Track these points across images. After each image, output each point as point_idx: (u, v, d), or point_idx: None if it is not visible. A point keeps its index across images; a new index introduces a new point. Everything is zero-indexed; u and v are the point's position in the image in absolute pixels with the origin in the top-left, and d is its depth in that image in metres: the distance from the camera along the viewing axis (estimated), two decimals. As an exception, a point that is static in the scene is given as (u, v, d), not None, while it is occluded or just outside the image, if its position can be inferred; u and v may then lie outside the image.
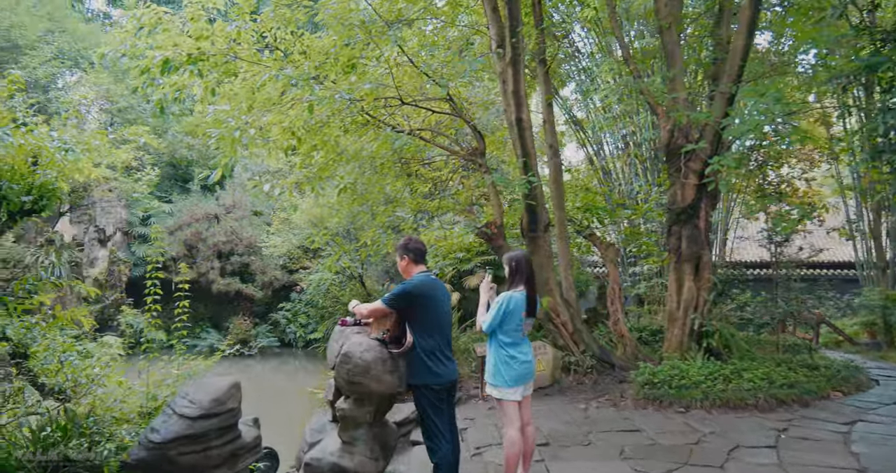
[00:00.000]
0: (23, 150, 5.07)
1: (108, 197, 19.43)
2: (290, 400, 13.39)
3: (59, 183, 5.33)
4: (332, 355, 5.15)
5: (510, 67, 9.95)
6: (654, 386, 8.58)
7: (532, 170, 10.15)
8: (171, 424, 4.24)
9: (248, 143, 10.08)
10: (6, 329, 4.42)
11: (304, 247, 19.90)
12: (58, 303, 17.14)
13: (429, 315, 4.66)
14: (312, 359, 19.42)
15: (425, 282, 4.69)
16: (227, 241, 20.23)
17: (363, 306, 4.94)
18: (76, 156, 5.24)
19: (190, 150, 23.19)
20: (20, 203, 5.08)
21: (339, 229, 17.41)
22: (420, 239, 5.02)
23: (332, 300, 19.45)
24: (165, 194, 22.48)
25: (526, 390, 5.11)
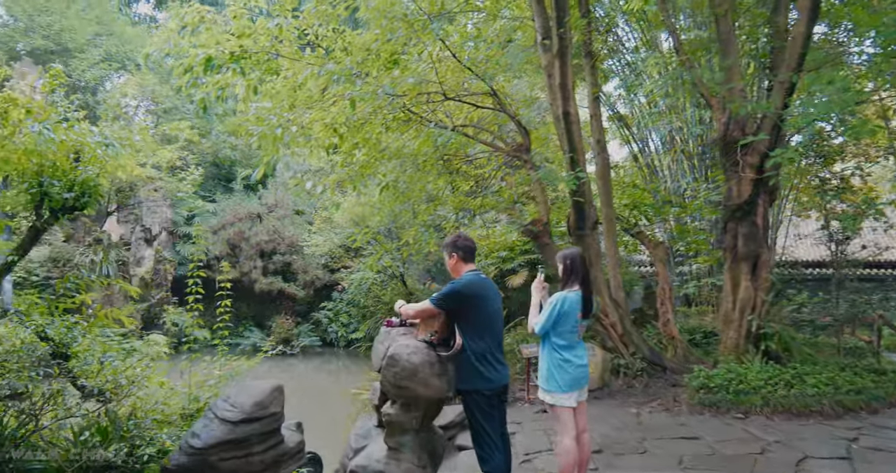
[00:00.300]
0: (64, 146, 4.98)
1: (154, 196, 19.68)
2: (333, 401, 13.28)
3: (100, 179, 5.24)
4: (377, 357, 4.95)
5: (557, 59, 9.64)
6: (710, 390, 8.21)
7: (580, 165, 9.84)
8: (212, 429, 4.08)
9: (290, 141, 9.97)
10: (46, 328, 4.32)
11: (345, 246, 19.84)
12: (105, 302, 17.42)
13: (479, 316, 4.42)
14: (354, 359, 19.34)
15: (475, 281, 4.45)
16: (270, 240, 20.30)
17: (410, 306, 4.72)
18: (116, 151, 5.14)
19: (233, 150, 23.38)
20: (62, 200, 5.00)
21: (380, 228, 17.31)
22: (469, 236, 4.78)
23: (373, 299, 19.36)
24: (209, 194, 22.69)
25: (581, 395, 4.84)
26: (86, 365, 4.45)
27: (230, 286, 6.35)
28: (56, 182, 4.82)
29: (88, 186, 5.15)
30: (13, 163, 4.85)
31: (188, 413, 5.13)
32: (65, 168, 5.05)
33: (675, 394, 8.84)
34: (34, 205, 4.89)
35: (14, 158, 4.83)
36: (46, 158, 4.82)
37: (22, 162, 4.82)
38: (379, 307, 19.00)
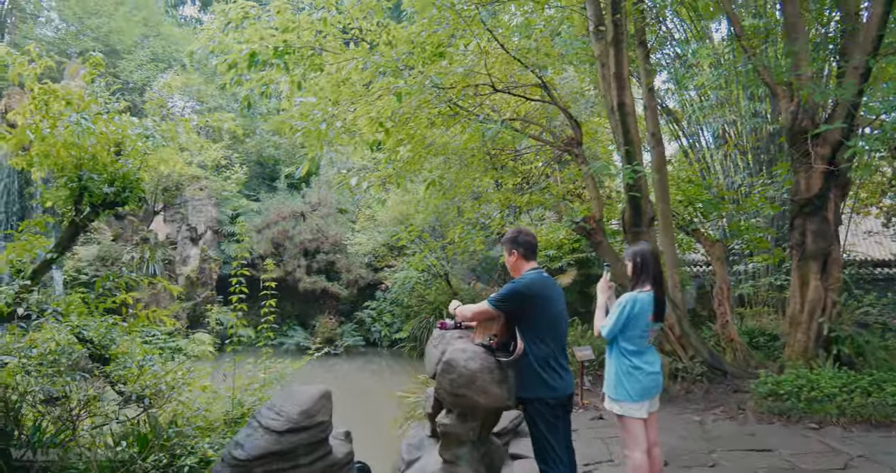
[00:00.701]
0: (104, 139, 4.78)
1: (199, 196, 19.77)
2: (378, 403, 13.03)
3: (141, 173, 5.02)
4: (431, 362, 4.61)
5: (612, 47, 9.18)
6: (778, 397, 7.66)
7: (636, 158, 9.36)
8: (256, 438, 3.79)
9: (335, 137, 9.75)
10: (83, 329, 4.10)
11: (389, 245, 19.61)
12: (151, 301, 17.54)
13: (542, 318, 4.04)
14: (398, 359, 19.09)
15: (537, 281, 4.08)
16: (313, 239, 20.19)
17: (466, 308, 4.37)
18: (157, 143, 4.92)
19: (277, 149, 23.40)
20: (102, 194, 4.79)
21: (424, 226, 17.02)
22: (531, 232, 4.40)
23: (417, 299, 19.08)
24: (253, 193, 22.74)
25: (652, 405, 4.43)
26: (126, 368, 4.22)
27: (274, 285, 6.10)
28: (96, 176, 4.61)
29: (129, 180, 4.93)
30: (52, 157, 4.66)
31: (232, 419, 4.88)
32: (105, 161, 4.84)
33: (739, 401, 8.32)
34: (73, 200, 4.69)
35: (54, 152, 4.64)
36: (85, 151, 4.62)
37: (61, 155, 4.63)
38: (423, 306, 18.72)
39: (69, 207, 4.68)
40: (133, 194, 4.97)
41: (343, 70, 9.55)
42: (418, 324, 18.54)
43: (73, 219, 4.65)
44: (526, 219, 16.93)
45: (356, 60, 9.34)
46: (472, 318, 4.32)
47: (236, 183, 19.61)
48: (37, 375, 3.60)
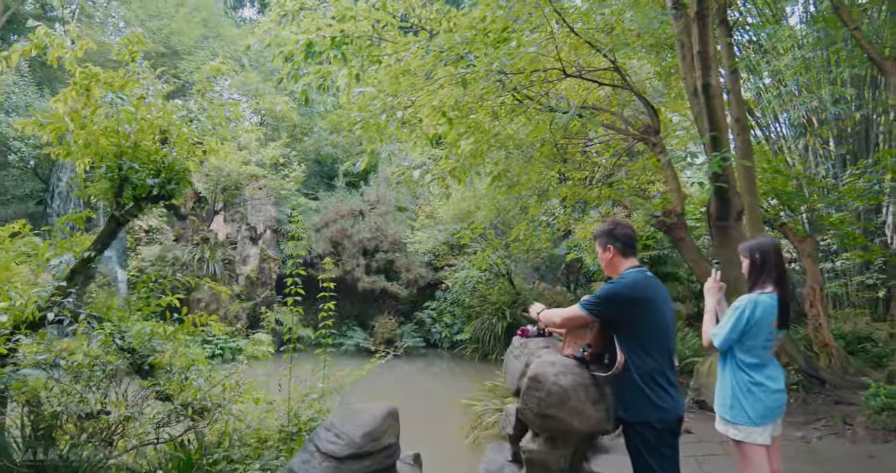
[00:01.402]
0: (148, 125, 4.33)
1: (258, 195, 19.64)
2: (440, 407, 12.49)
3: (187, 163, 4.57)
4: (512, 376, 3.98)
5: (695, 23, 8.38)
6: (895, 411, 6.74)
7: (724, 146, 8.53)
8: (313, 466, 3.23)
9: (396, 128, 9.25)
10: (118, 336, 3.64)
11: (449, 243, 19.05)
12: (211, 301, 17.45)
13: (646, 325, 3.38)
14: (459, 361, 18.52)
15: (640, 281, 3.41)
16: (372, 238, 19.78)
17: (554, 312, 3.72)
18: (202, 127, 4.45)
19: (334, 148, 23.16)
20: (147, 187, 4.35)
21: (486, 224, 16.39)
22: (629, 223, 3.73)
23: (479, 299, 18.48)
24: (311, 191, 22.53)
25: (775, 429, 3.69)
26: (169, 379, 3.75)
27: (332, 285, 5.60)
28: (137, 165, 4.16)
29: (175, 171, 4.48)
30: (93, 145, 4.24)
31: (287, 435, 4.37)
32: (148, 150, 4.40)
33: (844, 414, 7.43)
34: (113, 192, 4.26)
35: (93, 140, 4.21)
36: (126, 138, 4.18)
37: (100, 143, 4.21)
38: (485, 307, 18.11)
39: (109, 200, 4.26)
40: (180, 187, 4.52)
41: (402, 60, 9.08)
42: (480, 326, 17.93)
43: (114, 213, 4.22)
44: (592, 215, 16.14)
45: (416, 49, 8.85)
46: (560, 325, 3.69)
47: (295, 181, 19.38)
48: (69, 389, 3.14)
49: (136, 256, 17.77)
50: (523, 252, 15.48)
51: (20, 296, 3.98)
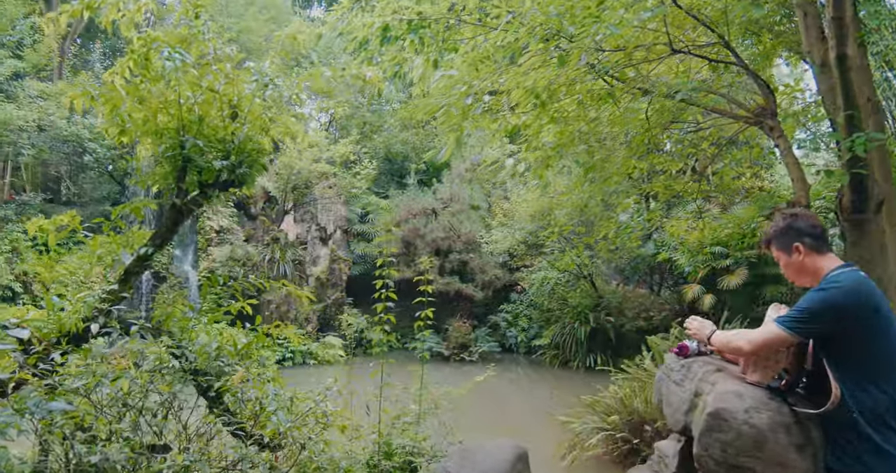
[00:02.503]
0: (214, 96, 3.61)
1: (328, 194, 19.16)
2: (523, 418, 11.57)
3: (261, 141, 3.85)
4: (674, 408, 3.05)
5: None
6: None
7: (863, 125, 7.31)
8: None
9: (482, 114, 8.44)
10: (184, 352, 2.91)
11: (527, 243, 18.10)
12: (283, 302, 17.03)
13: (874, 345, 2.43)
14: (537, 368, 17.54)
15: (861, 285, 2.45)
16: (446, 238, 18.98)
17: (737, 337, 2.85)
18: (278, 92, 3.72)
19: (405, 145, 22.55)
20: (213, 170, 3.64)
21: (568, 221, 15.40)
22: (808, 212, 2.79)
23: (558, 302, 17.46)
24: (382, 190, 21.98)
25: None
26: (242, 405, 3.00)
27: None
28: (202, 143, 3.45)
29: (247, 153, 3.75)
30: (151, 122, 3.56)
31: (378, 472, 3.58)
32: (215, 127, 3.69)
33: None
34: (175, 176, 3.56)
35: (152, 115, 3.53)
36: (189, 111, 3.48)
37: (161, 119, 3.53)
38: (566, 311, 17.07)
39: (170, 187, 3.57)
40: (252, 171, 3.79)
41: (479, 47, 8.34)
42: (560, 330, 16.91)
43: (174, 201, 3.52)
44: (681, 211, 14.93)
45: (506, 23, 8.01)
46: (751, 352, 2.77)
47: (366, 179, 18.80)
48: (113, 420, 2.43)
49: (207, 257, 17.54)
50: (610, 252, 14.48)
51: (70, 302, 3.32)
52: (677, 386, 3.18)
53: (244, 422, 2.95)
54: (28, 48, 18.74)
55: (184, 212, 3.58)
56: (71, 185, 18.73)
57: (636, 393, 8.14)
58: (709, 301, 15.18)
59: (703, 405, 2.89)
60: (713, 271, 15.08)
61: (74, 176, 18.88)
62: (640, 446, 7.54)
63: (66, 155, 17.75)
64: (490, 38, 8.31)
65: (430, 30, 8.82)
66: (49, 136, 17.04)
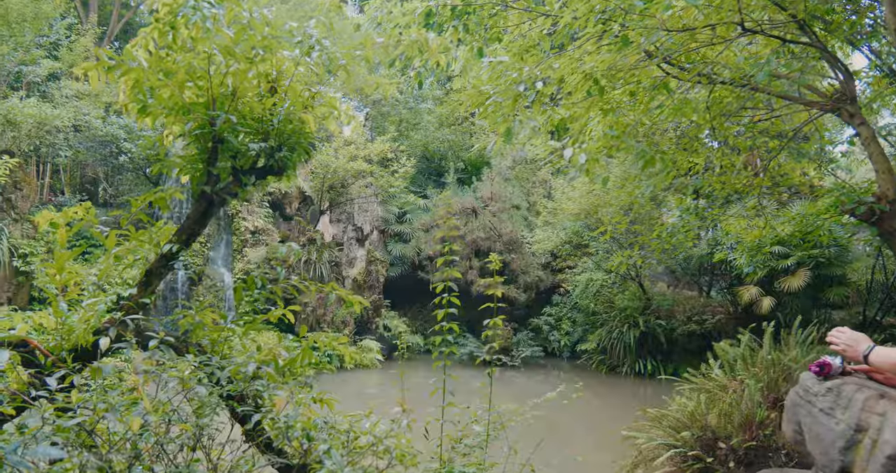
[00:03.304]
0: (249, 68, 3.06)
1: (365, 193, 18.67)
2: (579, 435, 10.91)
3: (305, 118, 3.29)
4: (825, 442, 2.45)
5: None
6: None
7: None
8: None
9: (534, 103, 7.82)
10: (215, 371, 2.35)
11: (572, 243, 17.38)
12: (318, 305, 16.57)
13: None
14: (581, 373, 16.78)
15: None
16: (487, 238, 18.33)
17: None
18: (329, 54, 3.15)
19: (442, 143, 21.99)
20: (249, 154, 3.09)
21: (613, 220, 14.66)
22: None
23: (605, 304, 16.70)
24: (420, 189, 21.43)
25: None
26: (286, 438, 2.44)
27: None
28: (235, 119, 2.90)
29: (288, 134, 3.20)
30: (177, 97, 3.02)
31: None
32: (251, 104, 3.14)
33: None
34: (204, 159, 3.02)
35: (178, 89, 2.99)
36: (221, 81, 2.94)
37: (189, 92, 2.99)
38: (612, 314, 16.31)
39: (199, 172, 3.02)
40: (295, 156, 3.24)
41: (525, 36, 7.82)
42: (608, 334, 16.15)
43: (204, 189, 2.97)
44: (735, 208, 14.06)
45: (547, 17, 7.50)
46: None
47: (404, 177, 18.25)
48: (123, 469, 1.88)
49: (242, 258, 17.18)
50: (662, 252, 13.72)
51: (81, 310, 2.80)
52: (826, 416, 2.52)
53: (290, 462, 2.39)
54: (64, 48, 18.62)
55: (214, 201, 3.02)
56: (108, 187, 18.58)
57: (707, 406, 7.44)
58: (767, 304, 14.30)
59: (873, 443, 2.24)
60: (771, 272, 14.18)
61: (111, 177, 18.73)
62: (713, 465, 6.84)
63: (103, 156, 17.57)
64: (537, 24, 7.80)
65: (475, 16, 8.34)
66: (85, 137, 16.87)
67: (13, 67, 16.34)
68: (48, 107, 15.32)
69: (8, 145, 14.65)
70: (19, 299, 14.41)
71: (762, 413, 7.06)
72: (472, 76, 8.61)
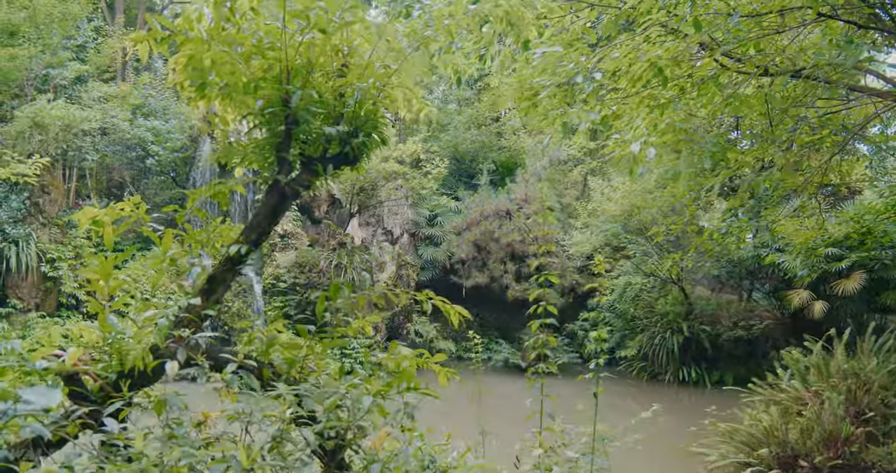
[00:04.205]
0: (323, 42, 2.61)
1: (395, 196, 18.21)
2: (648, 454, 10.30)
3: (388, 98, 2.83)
4: None
5: None
6: None
7: None
8: None
9: (590, 95, 7.35)
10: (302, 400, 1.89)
11: (611, 245, 16.80)
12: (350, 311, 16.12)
13: None
14: (620, 381, 16.14)
15: None
16: (522, 241, 17.74)
17: None
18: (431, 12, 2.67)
19: (472, 144, 21.48)
20: (323, 140, 2.63)
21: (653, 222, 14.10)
22: None
23: (644, 309, 16.08)
24: (451, 191, 20.91)
25: None
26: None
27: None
28: (315, 93, 2.44)
29: (364, 118, 2.74)
30: (242, 72, 2.57)
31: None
32: (321, 82, 2.68)
33: None
34: (275, 144, 2.56)
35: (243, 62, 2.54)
36: (296, 50, 2.48)
37: (253, 66, 2.54)
38: (653, 319, 15.67)
39: (267, 161, 2.57)
40: (370, 144, 2.78)
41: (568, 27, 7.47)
42: (649, 341, 15.52)
43: (277, 179, 2.51)
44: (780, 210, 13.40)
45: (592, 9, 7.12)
46: None
47: (436, 179, 17.74)
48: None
49: (272, 263, 16.79)
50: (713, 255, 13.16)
51: (133, 324, 2.35)
52: None
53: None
54: (91, 50, 18.42)
55: (287, 194, 2.56)
56: (134, 191, 18.35)
57: (783, 420, 6.88)
58: (819, 308, 13.58)
59: None
60: (823, 275, 13.48)
61: (137, 181, 18.50)
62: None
63: (129, 160, 17.34)
64: (581, 16, 7.46)
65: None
66: (112, 140, 16.63)
67: (40, 70, 16.13)
68: (76, 108, 15.07)
69: (35, 149, 14.40)
70: (47, 305, 14.15)
71: (847, 428, 6.50)
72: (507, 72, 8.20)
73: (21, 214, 13.94)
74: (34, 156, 13.36)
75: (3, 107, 15.49)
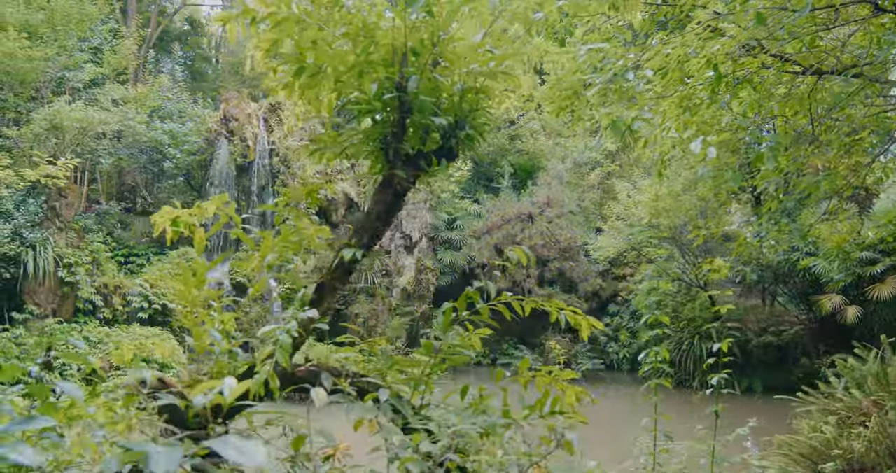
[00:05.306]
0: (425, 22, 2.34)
1: (414, 199, 17.95)
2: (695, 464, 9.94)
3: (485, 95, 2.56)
4: None
5: None
6: None
7: None
8: None
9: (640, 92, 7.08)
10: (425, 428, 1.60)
11: (638, 250, 16.47)
12: (370, 316, 15.88)
13: None
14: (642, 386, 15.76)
15: None
16: (544, 245, 17.40)
17: None
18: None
19: (491, 146, 21.18)
20: (425, 131, 2.36)
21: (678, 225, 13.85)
22: None
23: (670, 315, 15.74)
24: (470, 194, 20.60)
25: None
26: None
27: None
28: (439, 77, 2.17)
29: (468, 108, 2.47)
30: (347, 54, 2.30)
31: None
32: (423, 68, 2.40)
33: None
34: (388, 133, 2.28)
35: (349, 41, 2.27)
36: (414, 28, 2.21)
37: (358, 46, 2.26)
38: (679, 325, 15.33)
39: (376, 154, 2.29)
40: (476, 134, 2.50)
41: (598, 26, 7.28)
42: (675, 347, 15.17)
43: (395, 173, 2.23)
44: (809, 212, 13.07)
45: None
46: None
47: (457, 181, 17.45)
48: None
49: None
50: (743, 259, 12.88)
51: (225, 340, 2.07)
52: None
53: None
54: (107, 51, 18.19)
55: (400, 192, 2.29)
56: (147, 195, 18.13)
57: (842, 431, 6.54)
58: (853, 313, 13.23)
59: None
60: (858, 278, 13.13)
61: (150, 185, 18.27)
62: (866, 503, 5.96)
63: (143, 165, 17.11)
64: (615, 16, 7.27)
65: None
66: (127, 143, 16.40)
67: (56, 72, 15.89)
68: (95, 111, 14.83)
69: (51, 152, 14.15)
70: (64, 310, 13.85)
71: (917, 441, 6.17)
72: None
73: (38, 218, 13.68)
74: (62, 158, 13.11)
75: (19, 109, 15.26)
